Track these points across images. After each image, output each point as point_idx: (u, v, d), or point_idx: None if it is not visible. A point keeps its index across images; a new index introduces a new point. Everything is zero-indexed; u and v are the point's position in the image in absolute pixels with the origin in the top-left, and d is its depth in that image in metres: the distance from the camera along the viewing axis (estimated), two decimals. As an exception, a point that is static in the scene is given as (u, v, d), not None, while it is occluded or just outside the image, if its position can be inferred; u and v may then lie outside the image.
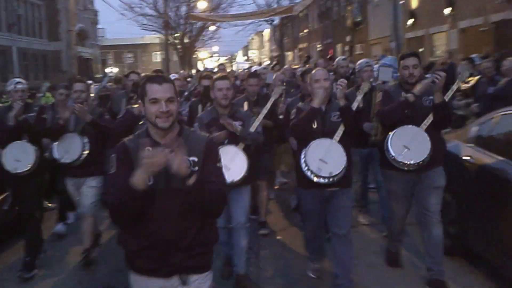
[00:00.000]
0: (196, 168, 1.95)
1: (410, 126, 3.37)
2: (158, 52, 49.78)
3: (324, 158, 3.26)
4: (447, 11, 14.09)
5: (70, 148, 4.04)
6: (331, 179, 3.26)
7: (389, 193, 3.72)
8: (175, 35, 29.88)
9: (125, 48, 54.17)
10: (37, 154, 4.04)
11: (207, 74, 5.43)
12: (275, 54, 37.18)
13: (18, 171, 3.96)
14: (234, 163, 3.41)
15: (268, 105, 3.79)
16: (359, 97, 3.65)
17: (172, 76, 9.45)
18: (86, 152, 4.03)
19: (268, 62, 28.47)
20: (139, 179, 1.82)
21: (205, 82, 4.75)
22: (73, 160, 4.03)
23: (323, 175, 3.24)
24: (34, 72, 28.36)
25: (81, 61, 34.40)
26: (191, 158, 1.95)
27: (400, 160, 3.35)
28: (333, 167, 3.26)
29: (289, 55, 39.81)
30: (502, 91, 5.62)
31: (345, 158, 3.29)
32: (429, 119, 3.39)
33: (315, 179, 3.26)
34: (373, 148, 4.21)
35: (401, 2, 17.04)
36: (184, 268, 1.98)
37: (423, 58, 14.49)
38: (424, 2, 16.18)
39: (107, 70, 36.00)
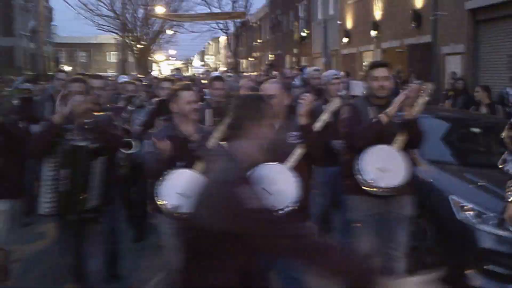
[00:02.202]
0: None
1: (381, 146, 2.98)
2: (113, 53, 50.01)
3: (271, 188, 2.50)
4: (373, 33, 16.54)
5: None
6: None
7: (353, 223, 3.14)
8: (131, 36, 30.78)
9: (78, 47, 53.83)
10: None
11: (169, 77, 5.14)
12: (230, 60, 39.06)
13: None
14: (194, 189, 2.64)
15: (227, 118, 3.08)
16: (324, 116, 2.99)
17: (123, 78, 9.12)
18: None
19: (225, 68, 30.26)
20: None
21: (166, 85, 4.44)
22: None
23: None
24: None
25: (36, 58, 34.48)
26: None
27: (376, 186, 2.92)
28: (280, 201, 2.58)
29: (244, 62, 41.76)
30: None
31: (296, 190, 2.65)
32: (401, 137, 3.01)
33: None
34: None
35: (338, 23, 19.52)
36: None
37: (354, 73, 16.90)
38: (356, 24, 18.64)
39: (62, 68, 36.08)
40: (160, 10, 28.68)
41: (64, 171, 2.85)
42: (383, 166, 2.95)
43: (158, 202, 2.80)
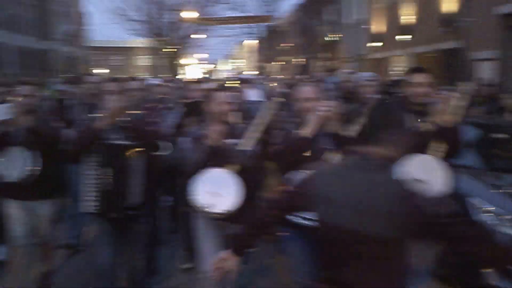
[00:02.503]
0: None
1: (420, 155, 2.83)
2: (145, 56, 51.15)
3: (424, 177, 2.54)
4: (403, 38, 16.45)
5: (13, 164, 3.32)
6: None
7: None
8: (162, 40, 31.49)
9: (113, 50, 55.29)
10: None
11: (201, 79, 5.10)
12: (259, 64, 39.41)
13: None
14: (225, 189, 2.84)
15: (258, 121, 3.09)
16: (362, 120, 3.04)
17: (154, 80, 9.22)
18: (33, 168, 3.35)
19: (253, 72, 30.69)
20: None
21: (198, 87, 4.39)
22: (17, 179, 3.32)
23: None
24: (25, 70, 29.66)
25: (70, 61, 35.81)
26: None
27: None
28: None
29: (272, 66, 42.01)
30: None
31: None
32: (438, 146, 2.86)
33: None
34: None
35: (367, 27, 19.48)
36: None
37: (383, 78, 16.80)
38: (388, 28, 18.55)
39: (95, 71, 37.23)
40: (189, 14, 29.27)
41: (104, 170, 2.94)
42: (421, 177, 2.73)
43: (191, 201, 2.87)
